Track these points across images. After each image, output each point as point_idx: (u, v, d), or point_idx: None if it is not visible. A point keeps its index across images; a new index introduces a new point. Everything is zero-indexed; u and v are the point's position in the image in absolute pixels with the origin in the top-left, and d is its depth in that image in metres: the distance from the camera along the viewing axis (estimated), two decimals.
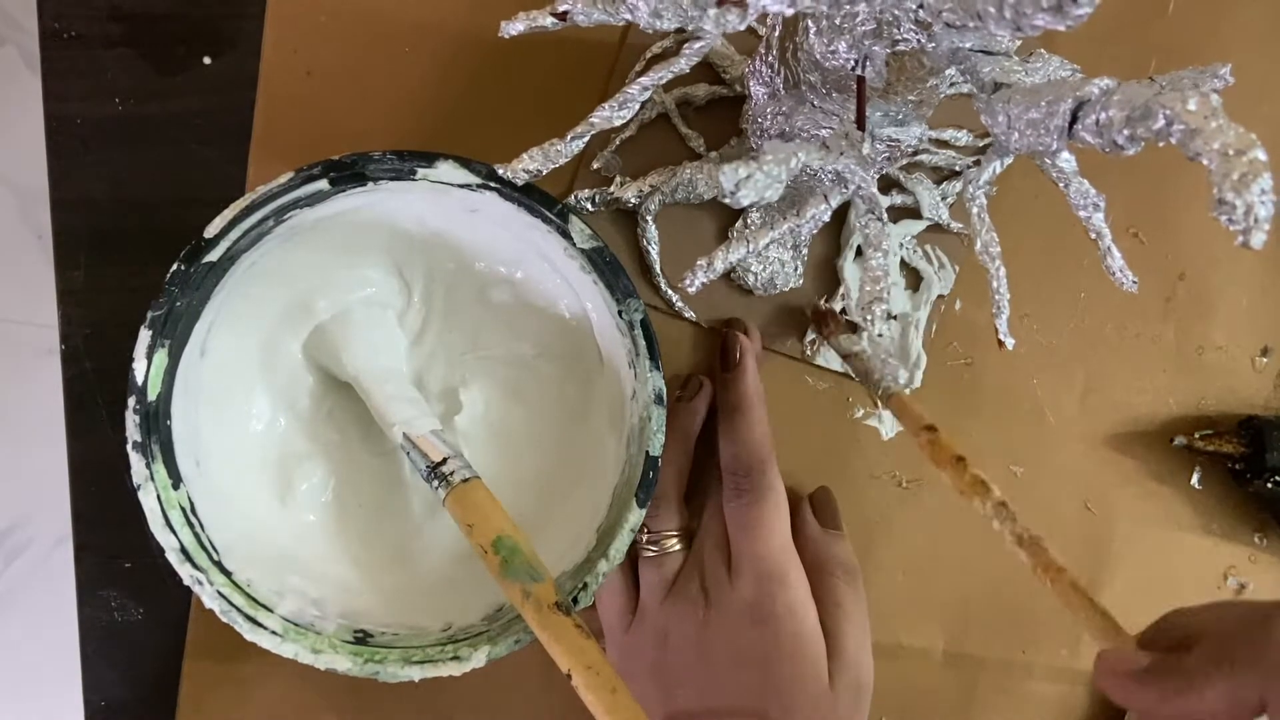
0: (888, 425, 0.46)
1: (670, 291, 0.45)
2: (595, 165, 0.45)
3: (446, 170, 0.36)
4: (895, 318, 0.46)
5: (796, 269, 0.45)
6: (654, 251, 0.44)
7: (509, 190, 0.37)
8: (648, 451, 0.38)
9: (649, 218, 0.43)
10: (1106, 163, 0.47)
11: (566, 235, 0.37)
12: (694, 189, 0.42)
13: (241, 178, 0.43)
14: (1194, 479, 0.48)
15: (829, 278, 0.46)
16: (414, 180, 0.37)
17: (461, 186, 0.37)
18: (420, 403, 0.41)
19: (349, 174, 0.36)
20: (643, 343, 0.38)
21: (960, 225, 0.45)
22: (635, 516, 0.37)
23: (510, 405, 0.43)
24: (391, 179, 0.37)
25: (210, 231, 0.36)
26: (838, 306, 0.45)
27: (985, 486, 0.34)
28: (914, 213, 0.45)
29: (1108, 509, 0.47)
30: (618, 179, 0.44)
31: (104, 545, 0.43)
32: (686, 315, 0.45)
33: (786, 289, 0.45)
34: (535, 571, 0.35)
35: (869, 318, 0.31)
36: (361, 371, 0.40)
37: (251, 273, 0.38)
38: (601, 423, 0.41)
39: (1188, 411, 0.48)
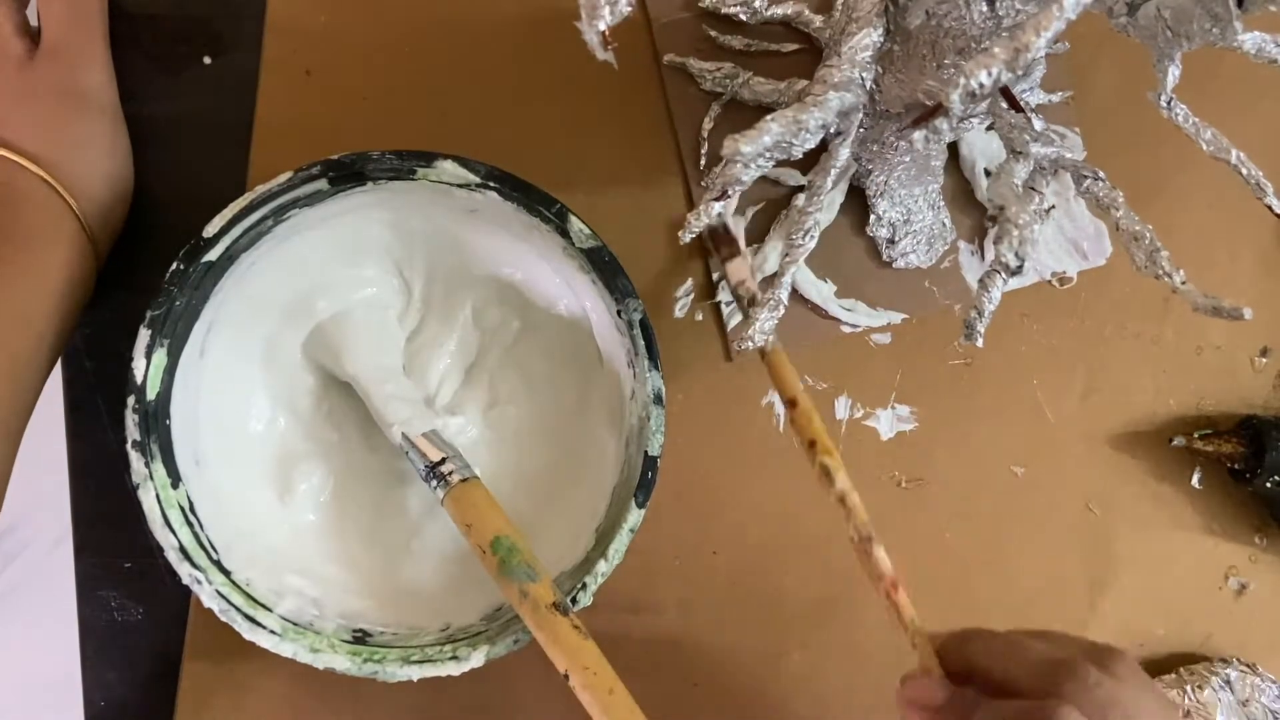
0: (886, 425, 0.46)
1: (854, 310, 0.45)
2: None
3: (446, 170, 0.36)
4: (1053, 207, 0.46)
5: (946, 225, 0.45)
6: (824, 289, 0.45)
7: (508, 190, 0.37)
8: (646, 451, 0.38)
9: (797, 268, 0.44)
10: (1104, 163, 0.47)
11: (565, 234, 0.37)
12: (803, 219, 0.42)
13: (242, 178, 0.43)
14: (1194, 479, 0.48)
15: None
16: (413, 180, 0.37)
17: (461, 186, 0.37)
18: (419, 403, 0.41)
19: (348, 174, 0.36)
20: (642, 342, 0.38)
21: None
22: (634, 517, 0.37)
23: (509, 405, 0.43)
24: (391, 179, 0.37)
25: (209, 231, 0.36)
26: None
27: (830, 478, 0.34)
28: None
29: (1108, 509, 0.47)
30: (748, 251, 0.45)
31: (104, 545, 0.43)
32: (889, 319, 0.46)
33: (945, 248, 0.45)
34: (533, 571, 0.35)
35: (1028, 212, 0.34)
36: (361, 371, 0.40)
37: (251, 272, 0.38)
38: (600, 423, 0.41)
39: (1187, 411, 0.48)
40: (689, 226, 0.34)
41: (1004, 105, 0.36)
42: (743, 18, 0.45)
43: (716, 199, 0.33)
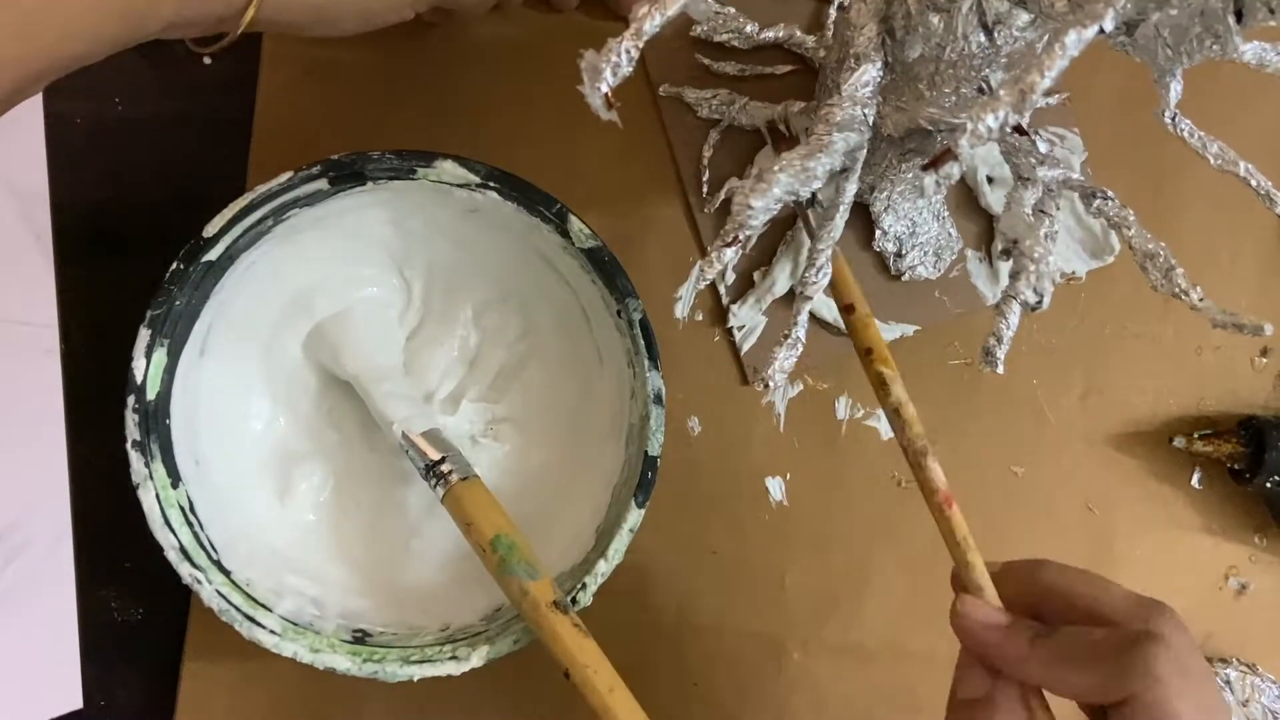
0: (887, 425, 0.46)
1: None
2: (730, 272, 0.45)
3: (446, 170, 0.36)
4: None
5: (952, 235, 0.45)
6: (835, 307, 0.45)
7: (508, 190, 0.37)
8: (646, 451, 0.38)
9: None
10: (1104, 163, 0.47)
11: (565, 234, 0.37)
12: (814, 256, 0.42)
13: (241, 178, 0.43)
14: (1194, 479, 0.48)
15: None
16: (413, 180, 0.37)
17: (461, 186, 0.37)
18: (419, 402, 0.41)
19: (348, 174, 0.36)
20: (642, 342, 0.38)
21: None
22: (634, 517, 0.37)
23: (508, 405, 0.43)
24: (391, 179, 0.37)
25: (209, 230, 0.36)
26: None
27: (886, 387, 0.33)
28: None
29: (1109, 509, 0.47)
30: (756, 274, 0.45)
31: (104, 545, 0.43)
32: (902, 331, 0.46)
33: (953, 257, 0.45)
34: (533, 570, 0.35)
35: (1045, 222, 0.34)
36: (361, 370, 0.40)
37: (251, 272, 0.38)
38: (600, 422, 0.41)
39: (1187, 412, 0.48)
40: (703, 275, 0.34)
41: (1009, 129, 0.36)
42: (735, 44, 0.45)
43: (728, 246, 0.33)
